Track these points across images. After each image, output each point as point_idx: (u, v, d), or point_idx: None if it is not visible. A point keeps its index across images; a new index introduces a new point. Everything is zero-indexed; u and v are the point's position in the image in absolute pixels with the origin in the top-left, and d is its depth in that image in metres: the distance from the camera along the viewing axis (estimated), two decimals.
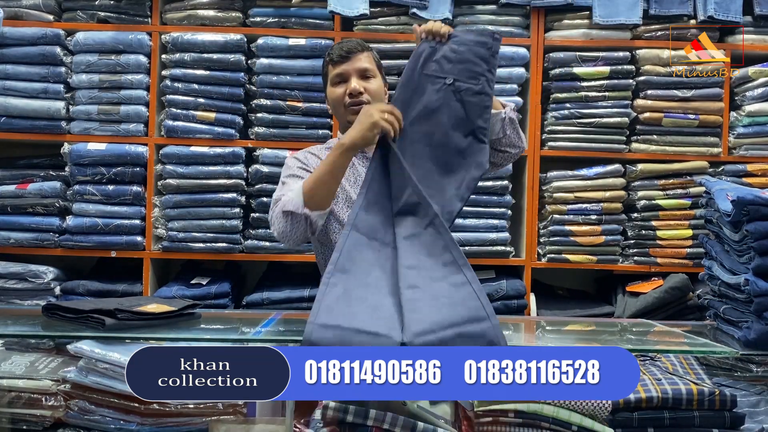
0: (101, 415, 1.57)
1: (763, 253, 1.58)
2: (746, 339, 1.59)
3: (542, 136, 3.08)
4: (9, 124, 2.98)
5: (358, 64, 2.02)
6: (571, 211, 3.03)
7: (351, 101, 2.01)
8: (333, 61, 2.04)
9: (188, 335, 1.59)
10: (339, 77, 2.03)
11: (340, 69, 2.03)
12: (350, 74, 2.02)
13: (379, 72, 2.08)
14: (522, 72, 3.04)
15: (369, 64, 2.05)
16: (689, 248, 3.02)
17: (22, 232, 2.96)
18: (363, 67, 2.03)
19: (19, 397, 1.63)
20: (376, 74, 2.07)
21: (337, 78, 2.04)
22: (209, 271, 3.08)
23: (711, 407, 1.55)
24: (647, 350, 1.77)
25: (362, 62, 2.03)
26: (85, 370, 1.57)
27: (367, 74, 2.03)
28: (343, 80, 2.03)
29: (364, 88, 2.01)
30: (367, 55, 2.06)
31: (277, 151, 2.98)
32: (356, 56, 2.03)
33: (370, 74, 2.04)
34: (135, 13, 3.03)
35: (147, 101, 3.01)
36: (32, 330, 1.75)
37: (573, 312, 2.95)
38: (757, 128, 3.05)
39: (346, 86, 2.01)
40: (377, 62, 2.10)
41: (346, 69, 2.02)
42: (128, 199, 2.97)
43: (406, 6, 3.02)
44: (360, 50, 2.04)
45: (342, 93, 2.02)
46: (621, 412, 1.54)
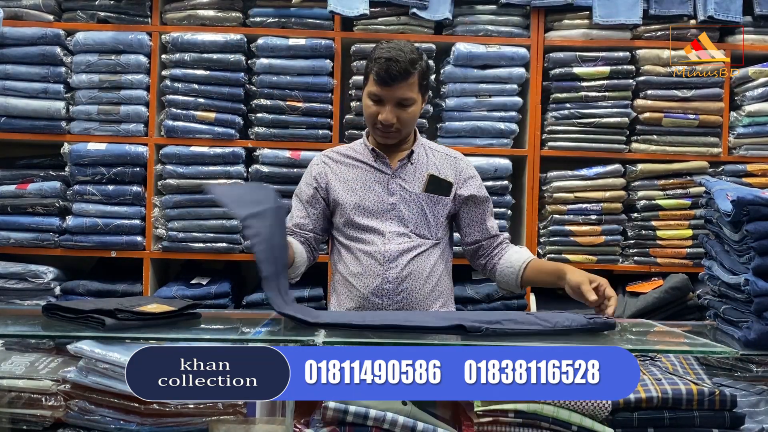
0: (101, 415, 1.57)
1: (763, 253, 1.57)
2: (746, 339, 1.58)
3: (542, 136, 3.08)
4: (9, 124, 2.98)
5: (399, 93, 1.95)
6: (571, 211, 3.03)
7: (379, 127, 2.00)
8: (374, 78, 1.96)
9: (188, 335, 1.58)
10: (376, 97, 1.98)
11: (378, 90, 1.96)
12: (387, 102, 1.97)
13: (420, 94, 2.01)
14: (522, 72, 3.04)
15: (410, 92, 1.97)
16: (689, 248, 3.02)
17: (22, 232, 2.97)
18: (403, 97, 1.96)
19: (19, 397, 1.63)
20: (415, 100, 1.99)
21: (374, 96, 1.98)
22: (209, 271, 3.08)
23: (711, 407, 1.55)
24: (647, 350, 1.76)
25: (403, 91, 1.95)
26: (85, 370, 1.57)
27: (405, 103, 1.98)
28: (379, 102, 1.98)
29: (398, 117, 1.98)
30: (412, 82, 1.96)
31: (277, 151, 2.98)
32: (399, 84, 1.94)
33: (408, 103, 1.98)
34: (135, 13, 3.03)
35: (147, 101, 3.01)
36: (32, 330, 1.75)
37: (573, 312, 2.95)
38: (757, 128, 3.05)
39: (380, 110, 1.98)
40: (422, 82, 2.01)
41: (385, 95, 1.96)
42: (128, 199, 2.97)
43: (406, 6, 3.02)
44: (406, 77, 1.94)
45: (374, 113, 1.99)
46: (621, 412, 1.53)
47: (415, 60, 1.96)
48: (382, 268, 2.02)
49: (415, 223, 2.04)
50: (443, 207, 2.07)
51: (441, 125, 3.07)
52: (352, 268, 2.07)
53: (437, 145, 2.21)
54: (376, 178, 2.06)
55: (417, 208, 2.04)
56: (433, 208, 2.06)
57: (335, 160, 2.13)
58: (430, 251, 2.06)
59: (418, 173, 2.06)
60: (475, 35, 3.06)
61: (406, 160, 2.08)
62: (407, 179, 2.06)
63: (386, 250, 2.02)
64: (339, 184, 2.09)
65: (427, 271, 2.04)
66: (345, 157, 2.13)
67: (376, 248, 2.02)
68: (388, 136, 2.03)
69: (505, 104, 3.05)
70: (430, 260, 2.05)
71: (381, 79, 1.94)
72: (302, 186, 2.13)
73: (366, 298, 2.04)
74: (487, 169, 2.96)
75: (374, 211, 2.04)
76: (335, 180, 2.10)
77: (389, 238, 2.02)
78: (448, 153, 2.16)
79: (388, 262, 2.02)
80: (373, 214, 2.05)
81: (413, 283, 2.03)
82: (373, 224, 2.04)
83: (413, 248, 2.03)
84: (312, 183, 2.11)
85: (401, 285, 2.02)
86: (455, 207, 2.10)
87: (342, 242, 2.10)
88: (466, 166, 2.14)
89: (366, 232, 2.05)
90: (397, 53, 1.94)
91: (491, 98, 3.05)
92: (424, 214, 2.05)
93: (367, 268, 2.04)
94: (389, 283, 2.02)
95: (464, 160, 2.16)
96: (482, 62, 3.03)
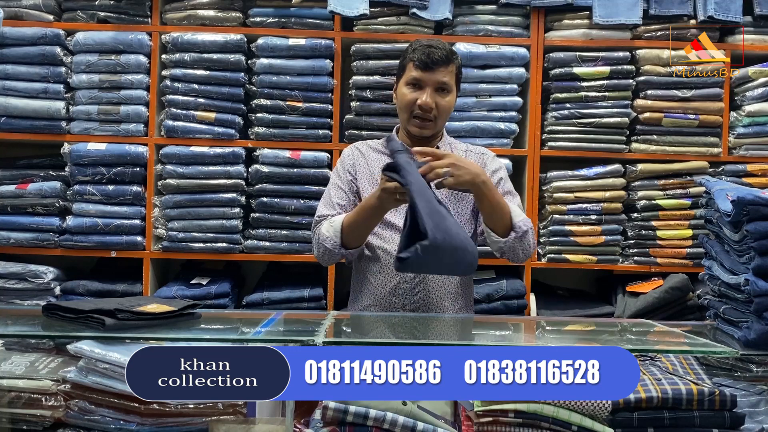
0: (101, 415, 1.57)
1: (763, 253, 1.58)
2: (746, 339, 1.59)
3: (542, 136, 3.08)
4: (9, 124, 2.98)
5: (440, 76, 1.98)
6: (571, 211, 3.03)
7: (418, 113, 2.00)
8: (415, 63, 1.99)
9: (188, 335, 1.59)
10: (415, 82, 2.00)
11: (419, 75, 1.99)
12: (427, 85, 1.98)
13: (455, 86, 2.05)
14: (522, 72, 3.04)
15: (449, 78, 2.01)
16: (689, 248, 3.02)
17: (22, 232, 2.96)
18: (443, 81, 1.98)
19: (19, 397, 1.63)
20: (453, 88, 2.03)
21: (413, 81, 2.00)
22: (209, 271, 3.08)
23: (711, 407, 1.55)
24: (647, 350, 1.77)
25: (443, 74, 1.98)
26: (85, 370, 1.57)
27: (444, 88, 2.00)
28: (418, 87, 1.99)
29: (436, 104, 1.99)
30: (451, 70, 2.01)
31: (277, 151, 2.98)
32: (440, 68, 1.98)
33: (447, 88, 2.00)
34: (135, 13, 3.03)
35: (147, 101, 3.01)
36: (32, 330, 1.75)
37: (573, 312, 2.95)
38: (757, 128, 3.05)
39: (419, 95, 1.99)
40: (458, 74, 2.05)
41: (426, 79, 1.98)
42: (128, 199, 2.97)
43: (406, 6, 3.02)
44: (446, 63, 1.99)
45: (412, 100, 2.00)
46: (621, 412, 1.54)
47: (453, 51, 2.05)
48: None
49: None
50: (467, 203, 2.06)
51: None
52: (371, 265, 2.06)
53: (464, 144, 2.23)
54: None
55: None
56: (456, 205, 2.05)
57: (364, 152, 2.14)
58: None
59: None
60: (475, 35, 3.06)
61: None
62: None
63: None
64: (365, 178, 2.09)
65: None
66: (374, 151, 2.13)
67: (395, 246, 2.01)
68: (426, 124, 2.03)
69: (505, 104, 3.05)
70: None
71: (423, 63, 1.98)
72: (339, 172, 2.16)
73: (383, 297, 2.04)
74: None
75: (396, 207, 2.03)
76: (362, 173, 2.10)
77: None
78: (473, 150, 2.18)
79: None
80: (394, 210, 2.03)
81: (431, 283, 2.02)
82: (394, 221, 2.03)
83: None
84: (347, 169, 2.13)
85: (419, 285, 2.01)
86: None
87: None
88: (491, 160, 2.15)
89: (386, 229, 2.04)
90: (437, 42, 2.03)
91: (491, 98, 3.04)
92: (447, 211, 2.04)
93: (384, 266, 2.03)
94: (406, 282, 2.01)
95: (491, 156, 2.18)
96: (482, 62, 3.03)
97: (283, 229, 2.98)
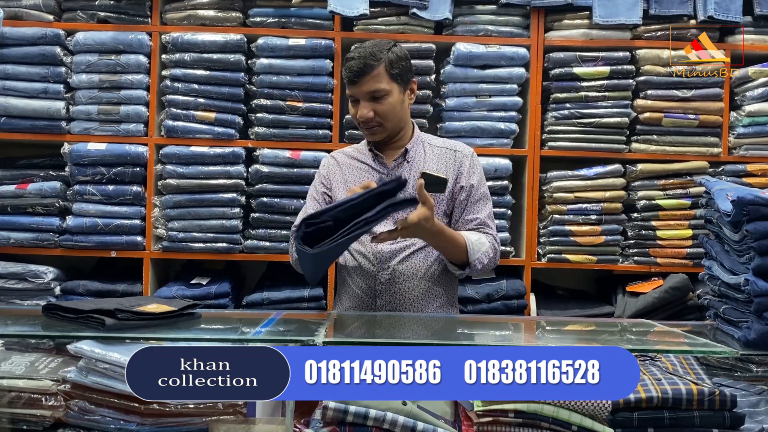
0: (101, 415, 1.57)
1: (763, 253, 1.58)
2: (746, 339, 1.59)
3: (542, 136, 3.08)
4: (9, 124, 2.98)
5: (366, 87, 1.97)
6: (571, 211, 3.03)
7: (363, 125, 2.02)
8: (345, 78, 2.02)
9: (188, 335, 1.59)
10: (352, 97, 2.03)
11: (350, 90, 2.02)
12: (360, 98, 1.99)
13: (395, 83, 2.00)
14: (522, 72, 3.04)
15: (378, 84, 1.97)
16: (689, 248, 3.02)
17: (22, 232, 2.96)
18: (371, 90, 1.97)
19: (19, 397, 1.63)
20: (388, 91, 1.99)
21: (351, 97, 2.03)
22: (209, 271, 3.08)
23: (711, 407, 1.55)
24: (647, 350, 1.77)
25: (370, 84, 1.96)
26: (85, 370, 1.57)
27: (377, 95, 1.98)
28: (355, 100, 2.02)
29: (375, 111, 1.99)
30: (377, 73, 1.96)
31: (277, 151, 2.98)
32: (363, 79, 1.96)
33: (380, 94, 1.98)
34: (135, 13, 3.03)
35: (147, 101, 3.01)
36: (32, 330, 1.75)
37: (573, 312, 2.95)
38: (757, 128, 3.05)
39: (357, 108, 2.01)
40: (392, 72, 1.98)
41: (355, 92, 2.00)
42: (128, 199, 2.97)
43: (406, 6, 3.02)
44: (366, 72, 1.95)
45: (354, 114, 2.04)
46: (621, 412, 1.53)
47: (376, 53, 1.97)
48: (375, 269, 2.02)
49: None
50: (438, 205, 2.05)
51: (441, 125, 3.07)
52: (349, 268, 2.08)
53: (438, 139, 2.19)
54: (372, 178, 2.06)
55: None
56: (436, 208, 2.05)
57: (339, 161, 2.15)
58: (427, 251, 2.05)
59: (413, 171, 2.06)
60: (475, 35, 3.06)
61: (401, 158, 2.08)
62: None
63: (378, 251, 2.02)
64: (340, 186, 2.10)
65: (421, 271, 2.03)
66: (349, 158, 2.14)
67: (369, 248, 2.03)
68: (374, 132, 2.04)
69: (505, 104, 3.05)
70: (426, 260, 2.04)
71: (348, 79, 2.00)
72: (315, 184, 2.18)
73: (360, 298, 2.05)
74: (487, 169, 2.95)
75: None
76: (336, 182, 2.11)
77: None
78: (448, 147, 2.13)
79: (380, 262, 2.02)
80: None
81: (406, 284, 2.02)
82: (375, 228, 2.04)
83: (406, 248, 2.03)
84: (321, 181, 2.15)
85: (394, 286, 2.02)
86: (452, 202, 2.08)
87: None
88: (464, 158, 2.10)
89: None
90: (358, 51, 2.00)
91: (491, 98, 3.05)
92: None
93: (361, 268, 2.05)
94: (381, 284, 2.02)
95: (464, 152, 2.12)
96: (482, 62, 3.03)
97: (283, 229, 2.98)
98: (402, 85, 2.03)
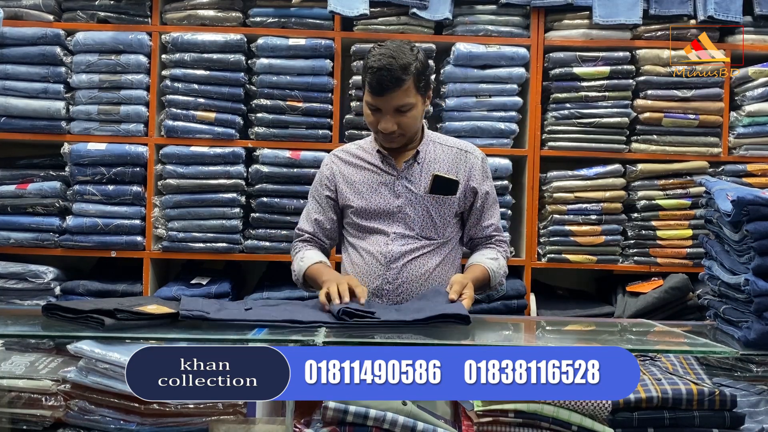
0: (101, 415, 1.57)
1: (763, 253, 1.58)
2: (746, 339, 1.59)
3: (542, 136, 3.08)
4: (9, 124, 2.98)
5: (394, 102, 1.91)
6: (571, 211, 3.03)
7: (382, 134, 1.99)
8: (368, 88, 1.94)
9: (188, 335, 1.59)
10: (373, 106, 1.96)
11: (374, 100, 1.94)
12: (385, 110, 1.94)
13: (419, 96, 1.96)
14: (522, 72, 3.04)
15: (407, 98, 1.92)
16: (689, 248, 3.02)
17: (22, 232, 2.96)
18: (399, 104, 1.92)
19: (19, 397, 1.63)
20: (414, 104, 1.95)
21: (371, 105, 1.96)
22: (209, 271, 3.08)
23: (711, 407, 1.55)
24: (647, 350, 1.77)
25: (399, 98, 1.91)
26: (85, 370, 1.57)
27: (402, 109, 1.94)
28: (377, 110, 1.96)
29: (398, 124, 1.95)
30: (407, 87, 1.91)
31: (277, 151, 2.98)
32: (393, 93, 1.90)
33: (406, 108, 1.94)
34: (135, 13, 3.03)
35: (147, 101, 3.01)
36: (32, 330, 1.75)
37: (573, 312, 2.95)
38: (757, 128, 3.05)
39: (379, 118, 1.96)
40: (419, 84, 1.94)
41: (381, 104, 1.93)
42: (128, 199, 2.97)
43: (406, 6, 3.02)
44: (398, 86, 1.89)
45: (374, 123, 1.99)
46: (621, 412, 1.54)
47: (407, 65, 1.90)
48: (383, 269, 2.02)
49: (421, 225, 2.04)
50: (450, 207, 2.06)
51: (441, 125, 3.07)
52: (356, 266, 2.08)
53: (449, 139, 2.18)
54: (382, 180, 2.06)
55: (423, 210, 2.04)
56: (439, 209, 2.06)
57: (344, 160, 2.13)
58: (435, 252, 2.06)
59: (424, 173, 2.05)
60: (475, 35, 3.06)
61: (412, 160, 2.07)
62: (413, 180, 2.05)
63: (388, 251, 2.03)
64: (346, 187, 2.09)
65: (428, 273, 2.04)
66: (354, 158, 2.12)
67: (379, 248, 2.03)
68: (393, 141, 2.03)
69: (505, 104, 3.05)
70: (433, 262, 2.05)
71: (374, 90, 1.91)
72: (316, 185, 2.16)
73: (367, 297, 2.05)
74: None
75: (380, 213, 2.05)
76: (343, 182, 2.10)
77: (393, 239, 2.03)
78: (459, 147, 2.13)
79: (389, 262, 2.02)
80: (379, 217, 2.05)
81: (412, 285, 2.03)
82: (379, 226, 2.05)
83: (415, 250, 2.03)
84: (324, 182, 2.13)
85: (401, 286, 2.03)
86: (464, 203, 2.10)
87: (349, 240, 2.12)
88: (475, 159, 2.11)
89: (371, 233, 2.06)
90: (388, 61, 1.88)
91: (491, 98, 3.04)
92: (430, 216, 2.05)
93: (369, 268, 2.04)
94: (389, 283, 2.03)
95: (476, 154, 2.13)
96: (482, 62, 3.03)
97: (283, 229, 2.98)
98: (424, 95, 2.01)
